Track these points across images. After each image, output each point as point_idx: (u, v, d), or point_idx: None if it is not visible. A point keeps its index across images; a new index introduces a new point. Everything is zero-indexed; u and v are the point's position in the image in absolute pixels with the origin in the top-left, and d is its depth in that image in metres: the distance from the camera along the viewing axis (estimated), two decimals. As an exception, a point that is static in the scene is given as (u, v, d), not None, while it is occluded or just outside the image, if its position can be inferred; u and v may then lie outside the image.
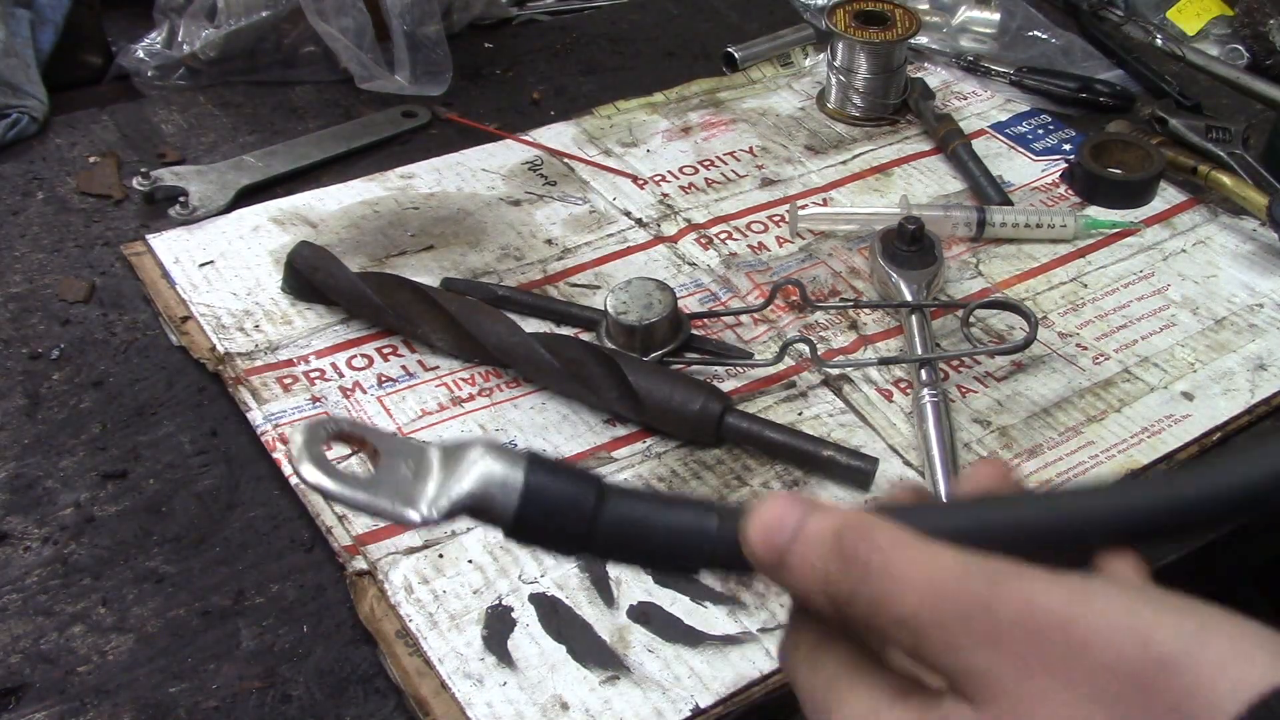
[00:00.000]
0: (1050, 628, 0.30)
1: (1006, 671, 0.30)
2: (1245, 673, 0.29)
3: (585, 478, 0.34)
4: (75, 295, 0.81)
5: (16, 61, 0.96)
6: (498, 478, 0.33)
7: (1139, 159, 0.93)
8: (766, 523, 0.34)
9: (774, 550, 0.34)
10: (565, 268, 0.84)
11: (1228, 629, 0.30)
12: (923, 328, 0.76)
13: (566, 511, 0.33)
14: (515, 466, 0.33)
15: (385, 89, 1.02)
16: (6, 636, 0.59)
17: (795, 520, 0.34)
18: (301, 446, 0.34)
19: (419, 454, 0.34)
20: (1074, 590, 0.31)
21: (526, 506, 0.33)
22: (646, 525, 0.34)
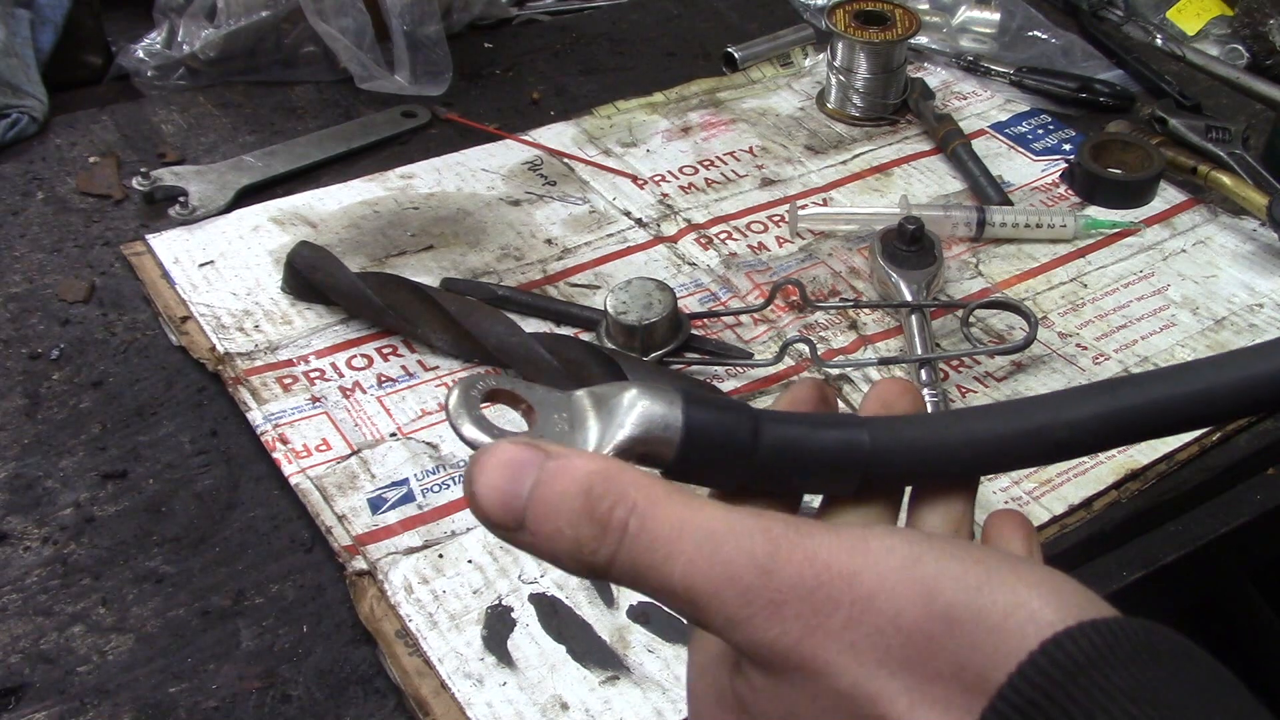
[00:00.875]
0: (831, 586, 0.28)
1: (791, 639, 0.28)
2: (1032, 618, 0.28)
3: (739, 408, 0.34)
4: (75, 295, 0.81)
5: (16, 61, 0.96)
6: (658, 418, 0.32)
7: (1139, 159, 0.93)
8: (494, 478, 0.29)
9: (510, 513, 0.29)
10: (565, 268, 0.84)
11: (1015, 578, 0.29)
12: (923, 328, 0.76)
13: (726, 445, 0.33)
14: (673, 405, 0.32)
15: (385, 89, 1.02)
16: (6, 636, 0.59)
17: (532, 473, 0.29)
18: (458, 405, 0.33)
19: (571, 404, 0.33)
20: (855, 544, 0.29)
21: (689, 445, 0.32)
22: (802, 448, 0.34)
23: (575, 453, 0.30)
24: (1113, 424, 0.35)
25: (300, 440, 0.69)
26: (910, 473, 0.36)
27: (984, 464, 0.36)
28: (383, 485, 0.67)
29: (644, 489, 0.29)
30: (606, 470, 0.29)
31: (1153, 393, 0.36)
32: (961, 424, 0.36)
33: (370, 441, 0.70)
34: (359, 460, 0.68)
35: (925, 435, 0.35)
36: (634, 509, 0.29)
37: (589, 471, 0.29)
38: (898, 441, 0.35)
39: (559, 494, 0.29)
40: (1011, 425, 0.36)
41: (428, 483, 0.67)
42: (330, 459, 0.68)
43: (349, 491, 0.66)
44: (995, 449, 0.35)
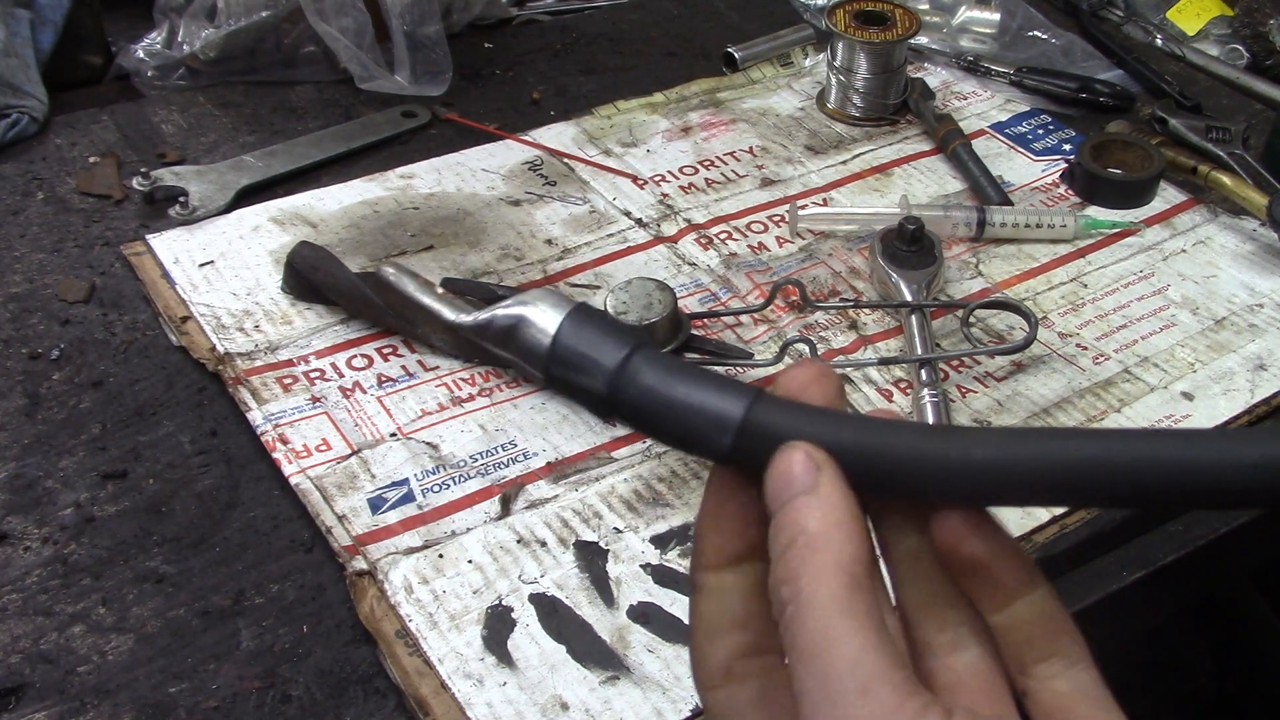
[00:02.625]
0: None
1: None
2: None
3: (624, 334, 0.32)
4: (75, 295, 0.81)
5: (16, 61, 0.96)
6: (536, 315, 0.32)
7: (1139, 159, 0.93)
8: (774, 477, 0.31)
9: (773, 506, 0.31)
10: (565, 268, 0.84)
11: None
12: (923, 328, 0.76)
13: (591, 364, 0.32)
14: (559, 309, 0.32)
15: (385, 89, 1.02)
16: (6, 636, 0.59)
17: (791, 491, 0.30)
18: (394, 264, 0.34)
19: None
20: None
21: (557, 347, 0.32)
22: (667, 397, 0.31)
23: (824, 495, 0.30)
24: (1011, 472, 0.30)
25: (300, 440, 0.69)
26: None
27: (886, 482, 0.31)
28: (383, 485, 0.67)
29: (817, 581, 0.29)
30: (812, 539, 0.30)
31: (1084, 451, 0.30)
32: (873, 430, 0.31)
33: (370, 441, 0.70)
34: (359, 460, 0.68)
35: (810, 427, 0.31)
36: (796, 598, 0.29)
37: (801, 528, 0.30)
38: (778, 427, 0.31)
39: (777, 530, 0.31)
40: (922, 446, 0.31)
41: (428, 483, 0.67)
42: (330, 459, 0.68)
43: (349, 491, 0.66)
44: (907, 467, 0.31)
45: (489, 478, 0.68)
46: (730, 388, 0.32)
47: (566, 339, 0.32)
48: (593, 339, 0.32)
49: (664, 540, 0.65)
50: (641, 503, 0.67)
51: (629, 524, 0.65)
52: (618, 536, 0.65)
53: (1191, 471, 0.29)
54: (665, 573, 0.63)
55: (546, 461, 0.69)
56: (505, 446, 0.70)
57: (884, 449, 0.31)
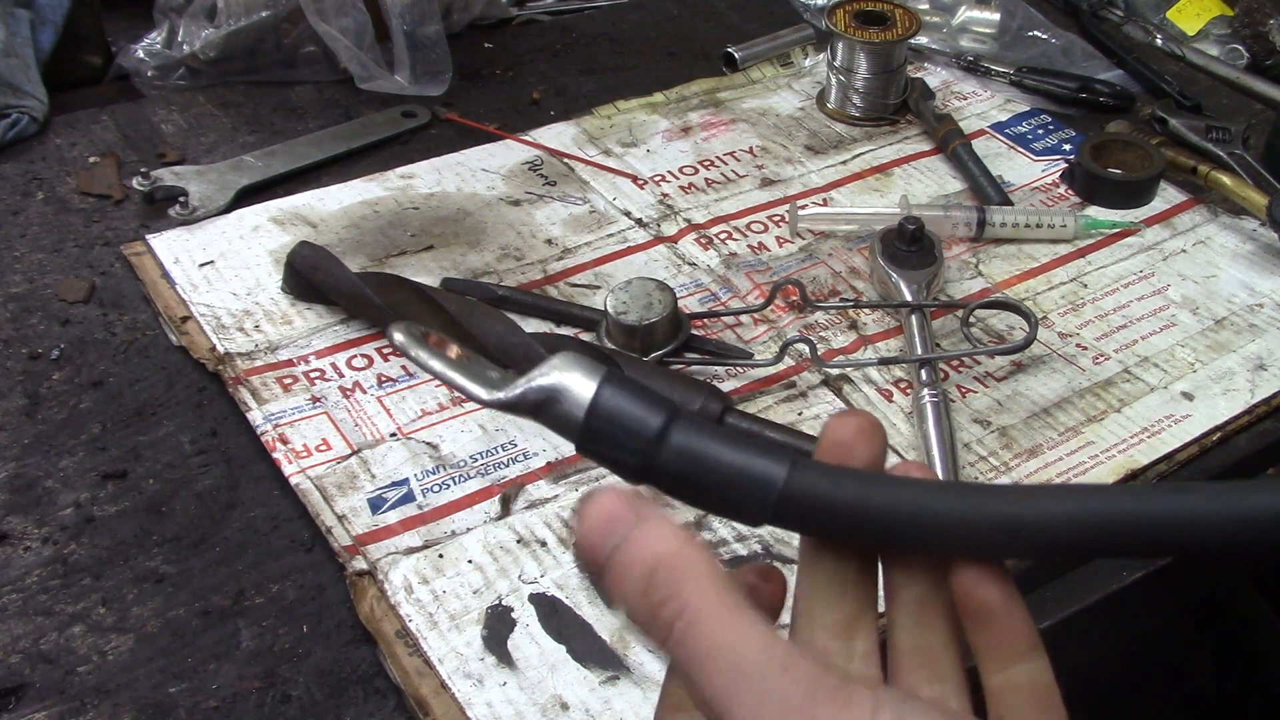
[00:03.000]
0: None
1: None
2: None
3: (660, 402, 0.32)
4: (75, 295, 0.81)
5: (16, 61, 0.96)
6: (569, 383, 0.32)
7: (1139, 159, 0.93)
8: (591, 525, 0.31)
9: (594, 565, 0.31)
10: (565, 268, 0.84)
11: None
12: (923, 328, 0.76)
13: (629, 434, 0.31)
14: (591, 377, 0.32)
15: (385, 89, 1.02)
16: (6, 636, 0.59)
17: (620, 532, 0.30)
18: (403, 327, 0.33)
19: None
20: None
21: (593, 418, 0.31)
22: (709, 463, 0.31)
23: (657, 523, 0.30)
24: (1084, 528, 0.31)
25: (300, 440, 0.69)
26: (825, 527, 0.32)
27: (914, 538, 0.32)
28: (383, 485, 0.67)
29: (699, 591, 0.29)
30: (673, 559, 0.30)
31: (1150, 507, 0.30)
32: (902, 491, 0.32)
33: (370, 441, 0.70)
34: (359, 460, 0.68)
35: (853, 493, 0.31)
36: (682, 613, 0.29)
37: (655, 554, 0.30)
38: (816, 492, 0.31)
39: (626, 566, 0.30)
40: (962, 506, 0.31)
41: (428, 483, 0.67)
42: (330, 459, 0.68)
43: (349, 491, 0.66)
44: (932, 526, 0.31)
45: (489, 478, 0.68)
46: (770, 450, 0.32)
47: (601, 413, 0.32)
48: (627, 412, 0.32)
49: (664, 540, 0.64)
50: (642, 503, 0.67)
51: (629, 524, 0.65)
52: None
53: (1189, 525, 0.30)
54: (665, 573, 0.63)
55: (546, 461, 0.69)
56: (505, 446, 0.70)
57: (917, 509, 0.31)
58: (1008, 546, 0.31)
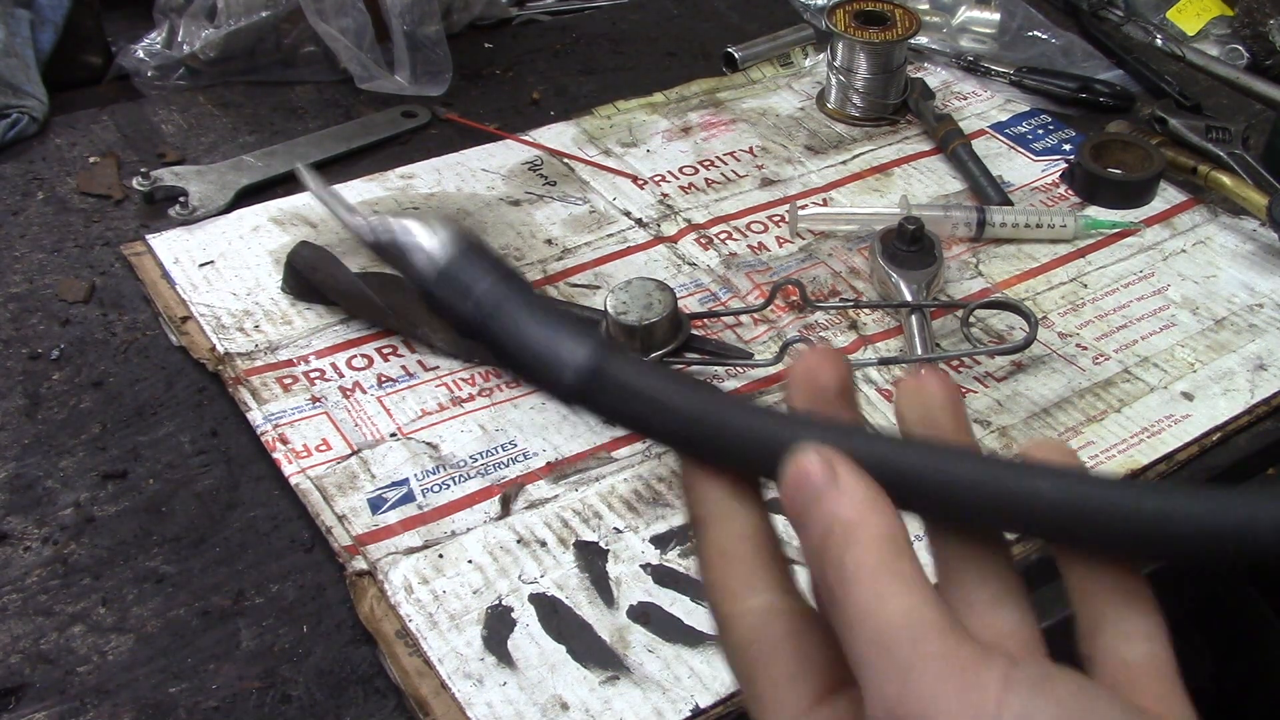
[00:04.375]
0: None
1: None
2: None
3: (501, 269, 0.33)
4: (75, 295, 0.81)
5: (16, 61, 0.96)
6: (429, 243, 0.33)
7: (1139, 159, 0.93)
8: (788, 486, 0.31)
9: (794, 510, 0.31)
10: (565, 268, 0.84)
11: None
12: (923, 328, 0.76)
13: (461, 293, 0.33)
14: (447, 241, 0.33)
15: (385, 89, 1.02)
16: (6, 636, 0.59)
17: (810, 493, 0.30)
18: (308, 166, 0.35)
19: None
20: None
21: (440, 280, 0.33)
22: (513, 334, 0.33)
23: (841, 489, 0.30)
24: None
25: (300, 440, 0.69)
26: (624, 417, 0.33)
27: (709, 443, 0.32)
28: (383, 485, 0.67)
29: (860, 556, 0.29)
30: (846, 523, 0.30)
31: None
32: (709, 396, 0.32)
33: (370, 441, 0.70)
34: (359, 460, 0.68)
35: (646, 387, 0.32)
36: (842, 576, 0.29)
37: (833, 517, 0.30)
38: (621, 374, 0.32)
39: (809, 528, 0.30)
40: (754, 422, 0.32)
41: (428, 483, 0.67)
42: (330, 459, 0.68)
43: (349, 491, 0.66)
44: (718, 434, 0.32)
45: (489, 478, 0.68)
46: (589, 333, 0.33)
47: (451, 266, 0.33)
48: (474, 268, 0.33)
49: (664, 540, 0.65)
50: (641, 503, 0.67)
51: (629, 524, 0.65)
52: (618, 536, 0.65)
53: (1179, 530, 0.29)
54: (665, 573, 0.63)
55: (546, 461, 0.69)
56: (505, 446, 0.70)
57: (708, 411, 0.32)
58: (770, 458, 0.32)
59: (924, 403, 0.33)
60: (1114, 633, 0.31)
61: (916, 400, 0.33)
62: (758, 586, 0.32)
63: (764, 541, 0.33)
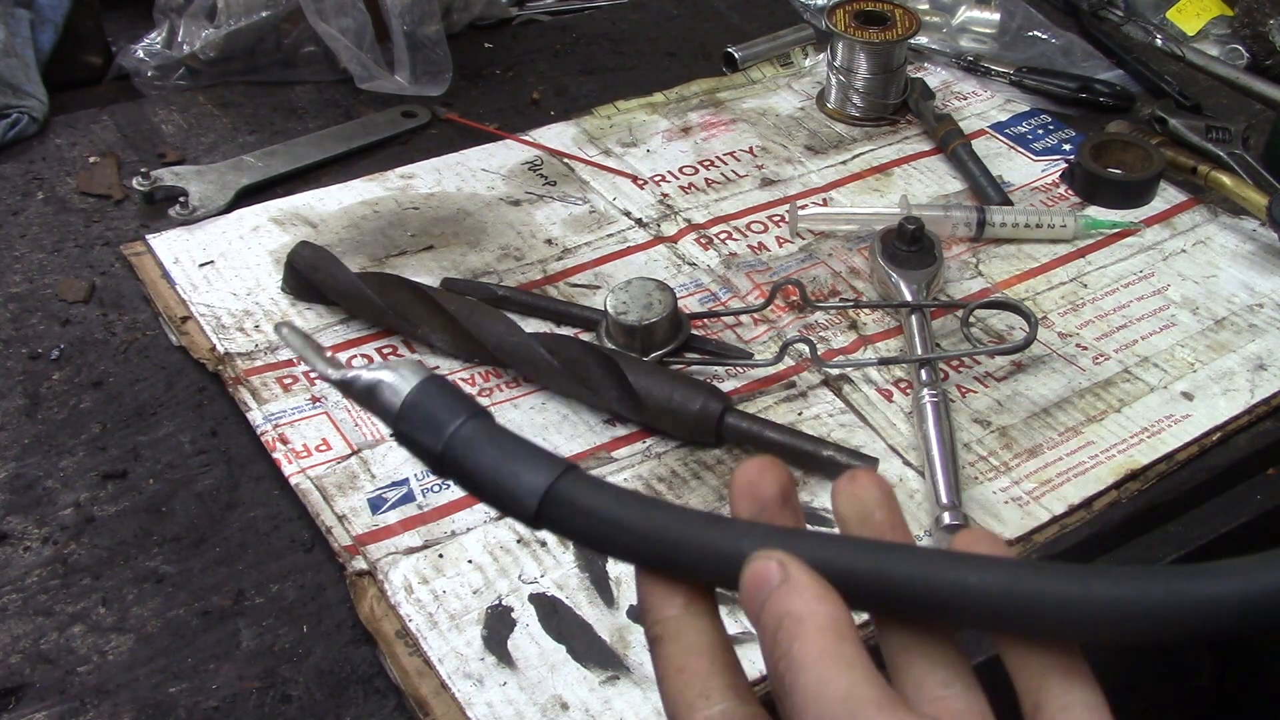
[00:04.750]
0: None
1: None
2: None
3: (464, 405, 0.36)
4: (75, 295, 0.81)
5: (16, 61, 0.96)
6: (391, 381, 0.37)
7: (1139, 159, 0.93)
8: (746, 584, 0.33)
9: (751, 609, 0.33)
10: (565, 268, 0.84)
11: None
12: (923, 328, 0.76)
13: (432, 425, 0.36)
14: (411, 378, 0.37)
15: (385, 89, 1.02)
16: (6, 636, 0.59)
17: (764, 591, 0.33)
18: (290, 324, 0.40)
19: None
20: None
21: (405, 408, 0.36)
22: (488, 463, 0.36)
23: (791, 585, 0.32)
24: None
25: (300, 440, 0.69)
26: (582, 533, 0.35)
27: (663, 556, 0.35)
28: (383, 485, 0.67)
29: (807, 644, 0.31)
30: (795, 615, 0.32)
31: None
32: (651, 511, 0.35)
33: (370, 441, 0.70)
34: (359, 460, 0.68)
35: (610, 503, 0.35)
36: (791, 664, 0.31)
37: (783, 612, 0.32)
38: (575, 499, 0.35)
39: (764, 622, 0.32)
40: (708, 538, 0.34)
41: (428, 483, 0.67)
42: (330, 459, 0.68)
43: (349, 491, 0.66)
44: (674, 549, 0.34)
45: (489, 478, 0.68)
46: (545, 460, 0.36)
47: (414, 402, 0.36)
48: (436, 406, 0.36)
49: (664, 540, 0.64)
50: (641, 503, 0.67)
51: (629, 524, 0.65)
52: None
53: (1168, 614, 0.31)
54: (665, 573, 0.63)
55: (546, 461, 0.69)
56: (505, 446, 0.70)
57: (664, 529, 0.34)
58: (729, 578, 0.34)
59: (860, 502, 0.36)
60: (1057, 707, 0.32)
61: (852, 501, 0.36)
62: (713, 697, 0.34)
63: (719, 654, 0.35)
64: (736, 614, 0.58)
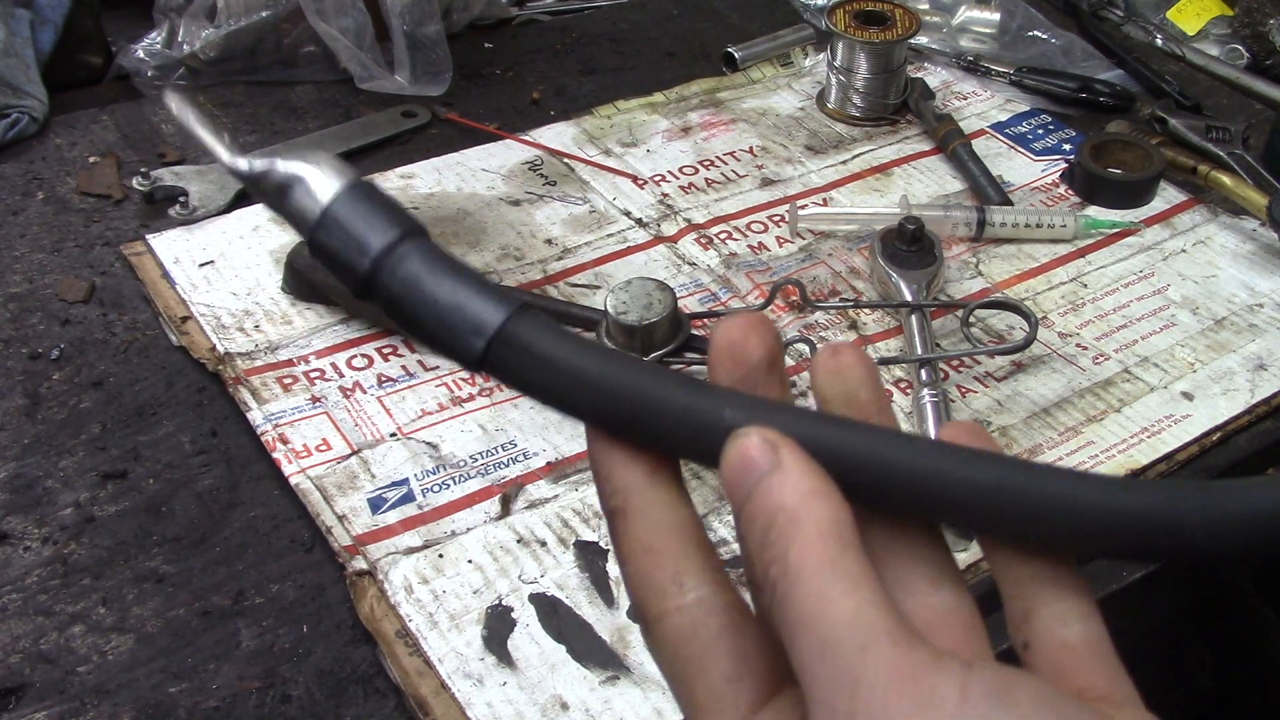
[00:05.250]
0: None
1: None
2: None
3: (405, 222, 0.30)
4: (75, 295, 0.81)
5: (16, 61, 0.96)
6: (314, 176, 0.31)
7: (1139, 159, 0.93)
8: (729, 470, 0.29)
9: (736, 497, 0.29)
10: (565, 268, 0.84)
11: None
12: (923, 328, 0.76)
13: (359, 240, 0.30)
14: (339, 178, 0.30)
15: (385, 89, 1.02)
16: (6, 636, 0.59)
17: (752, 479, 0.28)
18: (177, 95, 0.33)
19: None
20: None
21: (326, 216, 0.30)
22: (428, 291, 0.30)
23: (786, 473, 0.28)
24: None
25: (300, 440, 0.69)
26: (535, 383, 0.30)
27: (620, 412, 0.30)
28: (383, 485, 0.67)
29: (804, 551, 0.27)
30: (791, 513, 0.28)
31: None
32: (617, 364, 0.30)
33: (370, 441, 0.70)
34: (359, 460, 0.68)
35: (571, 351, 0.29)
36: (784, 574, 0.27)
37: (776, 506, 0.28)
38: (532, 342, 0.29)
39: (750, 518, 0.28)
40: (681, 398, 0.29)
41: (428, 483, 0.67)
42: (330, 459, 0.68)
43: (349, 491, 0.66)
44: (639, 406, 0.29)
45: (489, 478, 0.68)
46: (495, 294, 0.30)
47: (338, 210, 0.30)
48: (366, 216, 0.30)
49: (664, 540, 0.64)
50: (641, 503, 0.67)
51: (629, 524, 0.65)
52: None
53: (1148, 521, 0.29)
54: (665, 573, 0.63)
55: (546, 461, 0.69)
56: (505, 446, 0.70)
57: (624, 379, 0.30)
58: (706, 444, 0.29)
59: (845, 380, 0.32)
60: (1047, 615, 0.30)
61: (836, 378, 0.32)
62: (687, 583, 0.30)
63: (690, 532, 0.31)
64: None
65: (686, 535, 0.30)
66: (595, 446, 0.31)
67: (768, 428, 0.29)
